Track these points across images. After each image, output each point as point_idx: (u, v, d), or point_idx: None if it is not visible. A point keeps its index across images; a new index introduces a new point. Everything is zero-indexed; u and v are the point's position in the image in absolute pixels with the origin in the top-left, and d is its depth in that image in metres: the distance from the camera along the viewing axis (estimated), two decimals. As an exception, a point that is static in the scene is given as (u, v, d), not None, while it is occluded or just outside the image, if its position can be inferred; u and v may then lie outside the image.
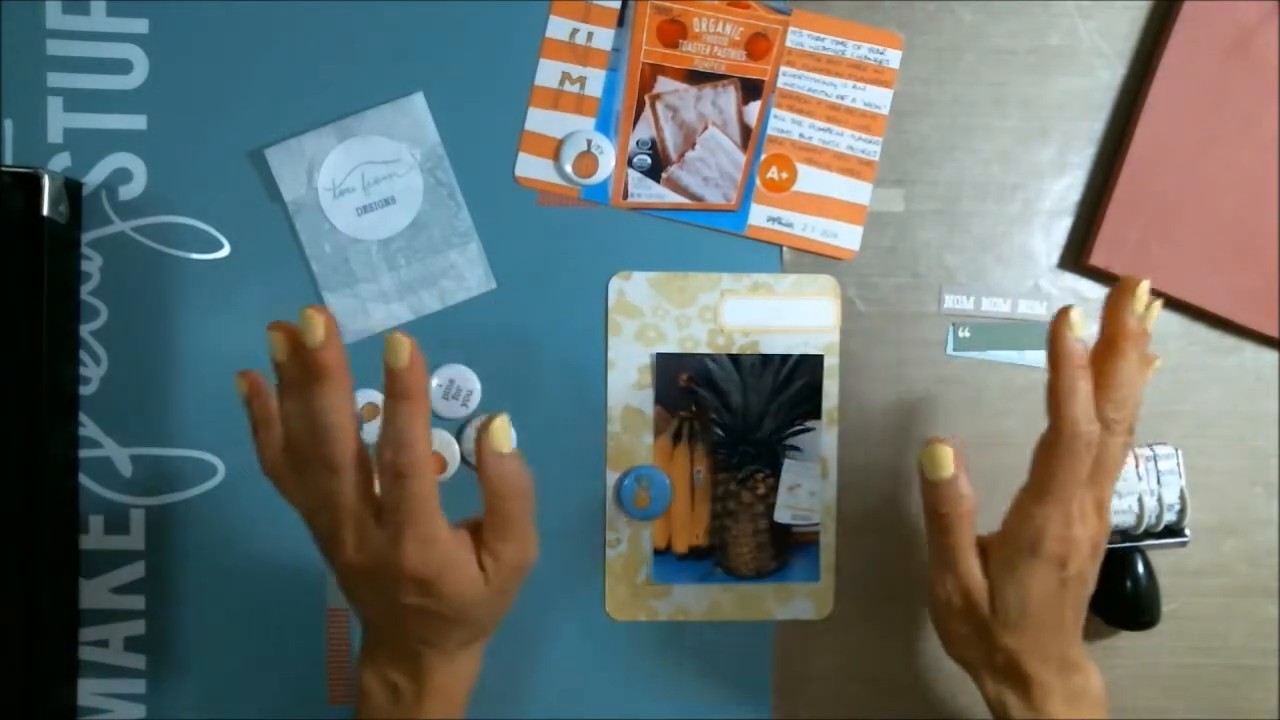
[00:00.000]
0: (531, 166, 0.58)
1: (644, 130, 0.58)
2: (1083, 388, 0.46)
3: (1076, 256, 0.60)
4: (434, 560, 0.44)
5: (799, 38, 0.58)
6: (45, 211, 0.52)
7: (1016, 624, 0.48)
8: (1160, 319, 0.61)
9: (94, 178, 0.56)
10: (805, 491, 0.59)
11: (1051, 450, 0.46)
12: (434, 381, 0.57)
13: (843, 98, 0.59)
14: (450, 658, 0.47)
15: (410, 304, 0.58)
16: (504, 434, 0.44)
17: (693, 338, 0.59)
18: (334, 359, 0.43)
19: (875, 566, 0.59)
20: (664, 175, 0.59)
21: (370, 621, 0.48)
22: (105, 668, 0.57)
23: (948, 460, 0.47)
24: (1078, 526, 0.47)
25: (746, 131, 0.59)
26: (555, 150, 0.58)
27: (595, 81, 0.58)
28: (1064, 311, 0.46)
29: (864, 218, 0.59)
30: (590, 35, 0.58)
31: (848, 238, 0.59)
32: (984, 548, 0.49)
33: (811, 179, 0.59)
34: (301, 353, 0.43)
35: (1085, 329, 0.47)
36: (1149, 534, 0.58)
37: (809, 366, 0.59)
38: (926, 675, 0.60)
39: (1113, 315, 0.48)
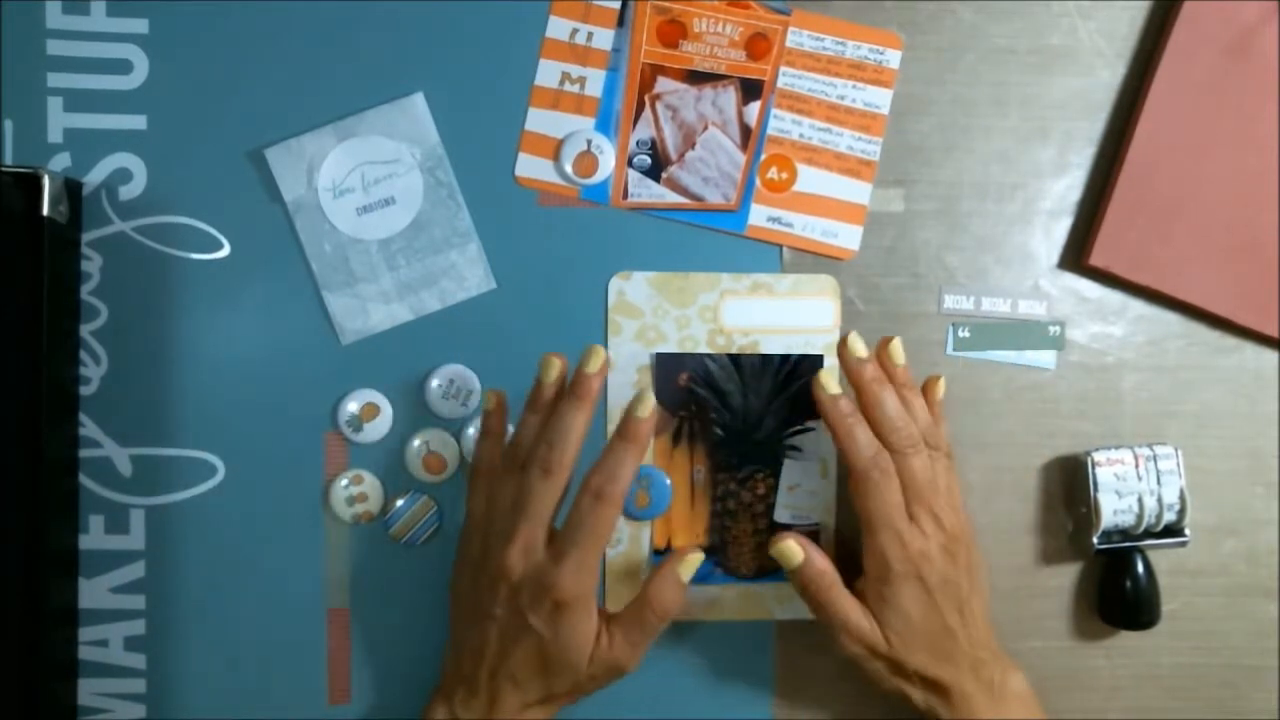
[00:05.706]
0: (531, 166, 0.58)
1: (644, 130, 0.58)
2: (858, 433, 0.52)
3: (1076, 256, 0.60)
4: (583, 586, 0.48)
5: (799, 38, 0.58)
6: (45, 211, 0.52)
7: (912, 643, 0.51)
8: (1160, 319, 0.61)
9: (94, 178, 0.56)
10: (805, 491, 0.59)
11: (856, 489, 0.52)
12: (434, 381, 0.57)
13: (843, 98, 0.59)
14: (525, 707, 0.50)
15: (410, 304, 0.58)
16: (693, 569, 0.51)
17: (693, 338, 0.59)
18: (596, 387, 0.50)
19: (875, 566, 0.59)
20: (664, 175, 0.59)
21: (468, 649, 0.50)
22: (105, 668, 0.57)
23: (795, 553, 0.52)
24: (916, 541, 0.51)
25: (746, 131, 0.59)
26: (555, 150, 0.58)
27: (595, 81, 0.58)
28: (817, 376, 0.52)
29: (864, 218, 0.59)
30: (590, 35, 0.58)
31: (847, 238, 0.59)
32: (858, 591, 0.52)
33: (811, 179, 0.59)
34: (575, 376, 0.50)
35: (860, 363, 0.53)
36: (1149, 534, 0.58)
37: (809, 366, 0.59)
38: (926, 675, 0.60)
39: (844, 369, 0.54)
